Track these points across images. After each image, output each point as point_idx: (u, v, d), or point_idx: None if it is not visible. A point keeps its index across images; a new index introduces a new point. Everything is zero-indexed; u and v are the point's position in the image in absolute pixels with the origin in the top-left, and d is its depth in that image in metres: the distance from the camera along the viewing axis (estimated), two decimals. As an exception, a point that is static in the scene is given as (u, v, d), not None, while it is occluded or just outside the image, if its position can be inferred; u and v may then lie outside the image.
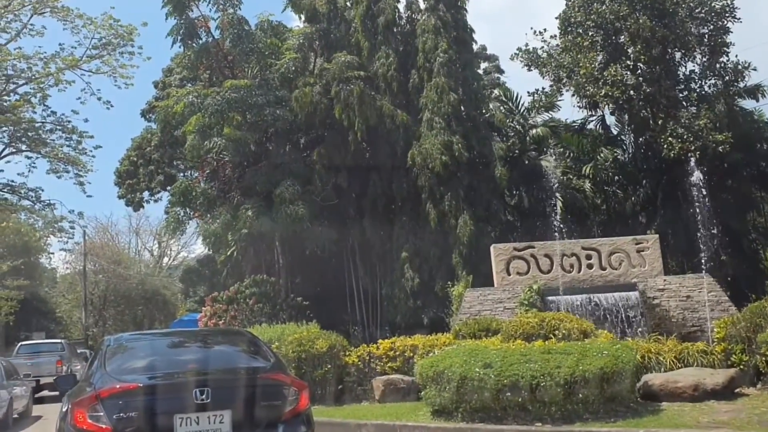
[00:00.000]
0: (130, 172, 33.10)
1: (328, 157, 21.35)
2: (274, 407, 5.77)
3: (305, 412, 6.03)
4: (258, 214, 19.87)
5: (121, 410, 5.32)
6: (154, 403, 5.46)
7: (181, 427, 5.40)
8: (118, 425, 5.28)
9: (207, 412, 5.47)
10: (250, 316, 20.30)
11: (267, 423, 5.71)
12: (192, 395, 5.45)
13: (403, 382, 12.31)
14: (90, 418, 5.33)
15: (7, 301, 27.50)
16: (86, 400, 5.44)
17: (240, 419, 5.58)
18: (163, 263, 56.29)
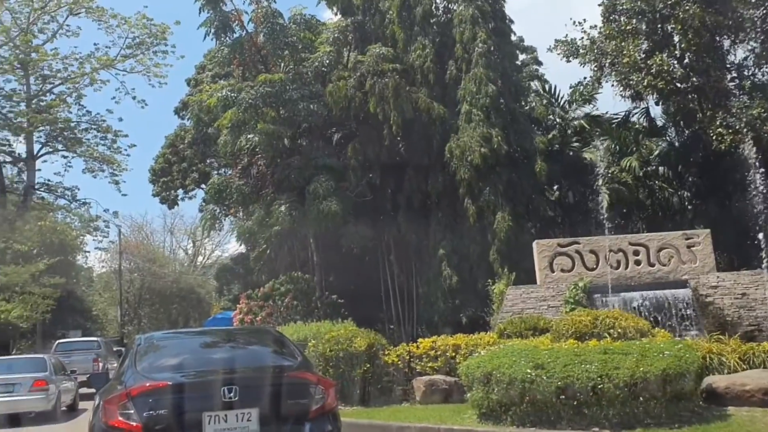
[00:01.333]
0: (165, 170, 33.12)
1: (362, 152, 20.87)
2: (301, 405, 5.76)
3: (332, 410, 6.02)
4: (291, 211, 19.49)
5: (151, 408, 5.37)
6: (183, 401, 5.53)
7: (210, 425, 5.44)
8: (148, 423, 5.33)
9: (235, 410, 5.49)
10: (285, 314, 19.94)
11: (294, 421, 5.71)
12: (220, 393, 5.47)
13: (446, 383, 11.76)
14: (121, 416, 5.38)
15: (43, 299, 27.58)
16: (117, 398, 5.50)
17: (267, 417, 5.59)
18: (197, 262, 56.58)
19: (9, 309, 24.23)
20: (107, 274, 48.62)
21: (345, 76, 20.99)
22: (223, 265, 36.03)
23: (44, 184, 41.43)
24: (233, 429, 5.49)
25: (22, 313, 24.99)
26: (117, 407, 5.43)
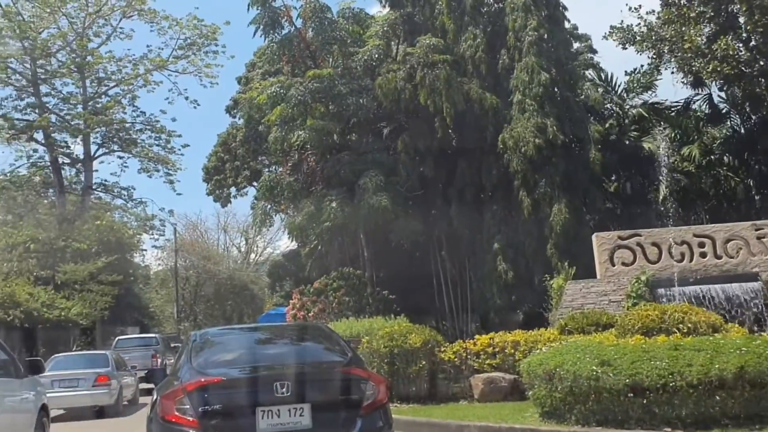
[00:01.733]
0: (217, 168, 33.48)
1: (412, 146, 20.56)
2: (353, 401, 5.76)
3: (383, 406, 5.99)
4: (342, 206, 19.34)
5: (206, 403, 5.44)
6: (237, 396, 5.58)
7: (263, 420, 5.49)
8: (204, 417, 5.39)
9: (287, 406, 5.53)
10: (337, 310, 19.82)
11: (345, 417, 5.73)
12: (273, 389, 5.52)
13: (505, 381, 11.39)
14: (177, 411, 5.47)
15: (102, 297, 28.23)
16: (173, 393, 5.59)
17: (319, 412, 5.63)
18: (250, 259, 57.26)
19: (69, 306, 24.84)
20: (164, 271, 49.61)
21: (394, 68, 20.71)
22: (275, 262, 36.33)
23: (101, 184, 42.51)
24: (286, 424, 5.52)
25: (81, 311, 25.60)
26: (173, 402, 5.51)
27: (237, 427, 5.50)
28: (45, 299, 23.14)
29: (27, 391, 8.65)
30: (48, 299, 23.46)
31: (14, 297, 20.47)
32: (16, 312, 19.96)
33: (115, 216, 40.17)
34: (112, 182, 42.89)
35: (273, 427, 5.50)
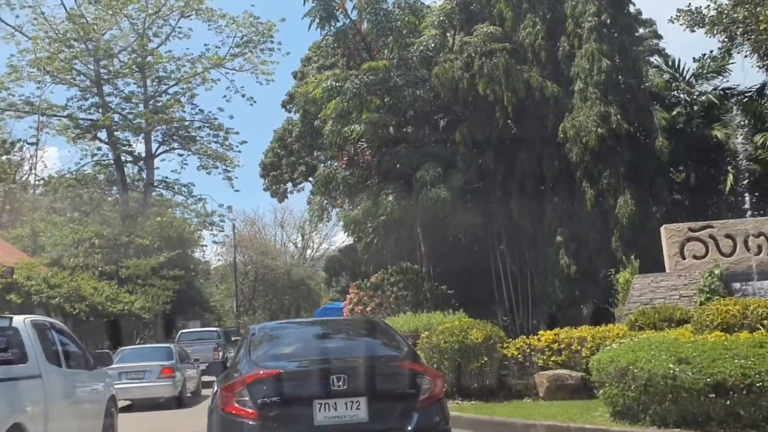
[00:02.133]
0: (274, 164, 33.71)
1: (471, 137, 20.09)
2: (409, 395, 5.77)
3: (440, 401, 5.98)
4: (399, 199, 19.07)
5: (264, 395, 5.52)
6: (295, 388, 5.69)
7: (320, 413, 5.53)
8: (262, 409, 5.47)
9: (344, 399, 5.57)
10: (394, 304, 19.59)
11: (402, 410, 5.72)
12: (329, 382, 5.57)
13: (571, 378, 10.93)
14: (237, 402, 5.56)
15: (163, 291, 28.74)
16: (233, 386, 5.67)
17: (375, 406, 5.64)
18: (306, 255, 57.70)
19: (132, 300, 25.34)
20: (223, 267, 50.42)
21: (451, 58, 20.29)
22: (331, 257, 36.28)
23: (162, 180, 43.44)
24: (342, 417, 5.56)
25: (144, 305, 26.10)
26: (233, 394, 5.60)
27: (295, 419, 5.55)
28: (109, 293, 23.65)
29: (96, 382, 8.85)
30: (112, 293, 23.98)
31: (80, 291, 20.94)
32: (81, 306, 20.41)
33: (176, 213, 41.03)
34: (172, 179, 43.87)
35: (330, 419, 5.53)
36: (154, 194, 42.45)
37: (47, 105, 39.55)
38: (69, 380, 7.83)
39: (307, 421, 5.51)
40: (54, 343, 7.78)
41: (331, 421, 5.53)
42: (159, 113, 40.49)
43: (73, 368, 8.13)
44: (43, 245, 31.99)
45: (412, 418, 5.65)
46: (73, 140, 40.92)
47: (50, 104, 39.92)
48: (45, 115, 39.24)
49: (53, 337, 7.85)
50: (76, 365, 8.28)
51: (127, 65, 40.79)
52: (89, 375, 8.65)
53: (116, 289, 24.88)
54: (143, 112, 40.32)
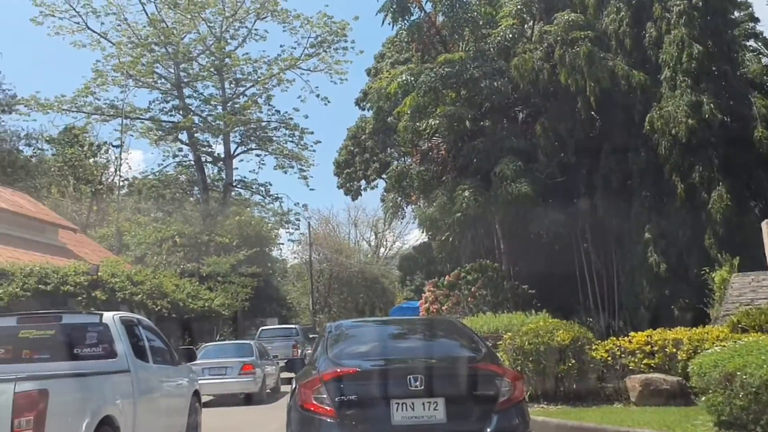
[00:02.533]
0: (348, 161, 33.75)
1: (552, 130, 19.28)
2: (488, 398, 5.67)
3: (520, 404, 5.85)
4: (476, 195, 18.49)
5: (342, 393, 5.51)
6: (372, 387, 5.64)
7: (398, 412, 5.48)
8: (340, 407, 5.47)
9: (421, 399, 5.50)
10: (472, 304, 19.07)
11: (480, 412, 5.62)
12: (407, 382, 5.52)
13: (666, 383, 10.16)
14: (315, 400, 5.56)
15: (242, 288, 29.20)
16: (311, 383, 5.68)
17: (454, 407, 5.55)
18: (379, 254, 57.76)
19: (212, 297, 25.79)
20: (299, 265, 51.05)
21: (531, 48, 19.56)
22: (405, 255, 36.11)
23: (241, 180, 44.33)
24: (420, 417, 5.49)
25: (223, 301, 26.52)
26: (311, 391, 5.61)
27: (372, 418, 5.52)
28: (190, 290, 24.12)
29: (181, 377, 8.96)
30: (193, 290, 24.44)
31: (161, 288, 21.40)
32: (163, 302, 20.84)
33: (254, 212, 41.77)
34: (250, 179, 44.74)
35: (407, 419, 5.48)
36: (233, 194, 43.38)
37: (131, 108, 41.06)
38: (155, 375, 7.94)
39: (384, 421, 5.47)
40: (141, 339, 7.91)
41: (408, 422, 5.47)
42: (237, 114, 41.30)
43: (159, 364, 8.24)
44: (128, 244, 33.11)
45: (491, 421, 5.54)
46: (156, 142, 42.32)
47: (133, 107, 41.44)
48: (128, 118, 40.76)
49: (140, 333, 8.00)
50: (161, 361, 8.40)
51: (206, 68, 41.81)
52: (174, 370, 8.76)
53: (197, 287, 25.33)
54: (222, 113, 41.23)
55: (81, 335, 7.23)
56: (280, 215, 43.91)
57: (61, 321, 7.45)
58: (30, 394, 5.30)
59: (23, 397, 5.25)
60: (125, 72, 39.45)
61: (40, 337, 7.23)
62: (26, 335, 7.22)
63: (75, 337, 7.24)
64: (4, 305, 16.79)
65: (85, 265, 19.45)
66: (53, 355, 7.11)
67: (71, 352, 7.16)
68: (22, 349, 7.20)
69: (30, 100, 38.29)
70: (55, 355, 7.12)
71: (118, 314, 7.72)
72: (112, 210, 37.83)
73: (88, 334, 7.21)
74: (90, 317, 7.63)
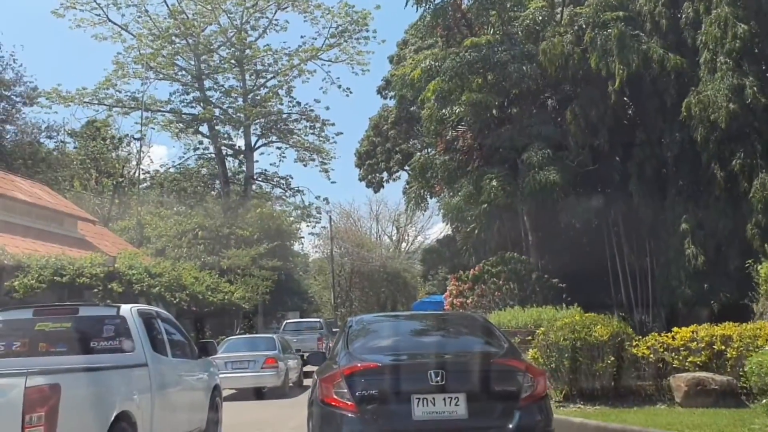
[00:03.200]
0: (369, 152, 33.09)
1: (583, 116, 18.36)
2: (510, 393, 5.60)
3: (543, 399, 5.76)
4: (503, 184, 17.72)
5: (363, 388, 5.47)
6: (393, 382, 5.56)
7: (419, 407, 5.42)
8: (361, 401, 5.43)
9: (442, 394, 5.44)
10: (498, 297, 18.34)
11: (503, 408, 5.53)
12: (427, 377, 5.46)
13: (715, 383, 9.39)
14: (335, 394, 5.52)
15: (263, 281, 28.74)
16: (332, 377, 5.66)
17: (475, 403, 5.49)
18: (401, 248, 57.21)
19: (232, 290, 25.34)
20: (320, 259, 50.73)
21: (560, 32, 18.69)
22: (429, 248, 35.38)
23: (262, 173, 43.93)
24: (441, 413, 5.42)
25: (243, 295, 26.08)
26: (332, 386, 5.57)
27: (393, 413, 5.47)
28: (209, 283, 23.67)
29: (201, 371, 8.78)
30: (212, 283, 24.00)
31: (180, 280, 20.96)
32: (182, 295, 20.40)
33: (275, 206, 41.37)
34: (271, 172, 44.33)
35: (428, 414, 5.41)
36: (254, 187, 43.02)
37: (152, 101, 40.81)
38: (174, 369, 7.77)
39: (405, 416, 5.41)
40: (160, 332, 7.74)
41: (429, 417, 5.41)
42: (257, 106, 40.87)
43: (178, 357, 8.08)
44: (149, 237, 32.87)
45: (513, 417, 5.46)
46: (177, 135, 42.12)
47: (154, 99, 41.18)
48: (149, 111, 40.51)
49: (159, 326, 7.82)
50: (181, 354, 8.24)
51: (226, 59, 41.41)
52: (194, 364, 8.57)
53: (216, 279, 24.88)
54: (242, 105, 40.81)
55: (98, 328, 7.08)
56: (301, 209, 43.47)
57: (77, 313, 7.27)
58: (41, 389, 5.14)
59: (34, 392, 5.09)
60: (146, 64, 39.18)
61: (56, 330, 7.09)
62: (42, 328, 7.08)
63: (92, 330, 7.09)
64: (19, 297, 16.53)
65: (102, 257, 19.07)
66: (70, 349, 6.97)
67: (88, 345, 6.99)
68: (38, 342, 7.03)
69: (52, 93, 38.13)
70: (71, 348, 6.99)
71: (135, 306, 7.53)
72: (134, 203, 37.65)
73: (104, 327, 7.07)
74: (107, 309, 7.46)
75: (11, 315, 7.45)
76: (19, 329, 7.14)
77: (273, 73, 42.19)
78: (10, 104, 33.72)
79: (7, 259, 17.30)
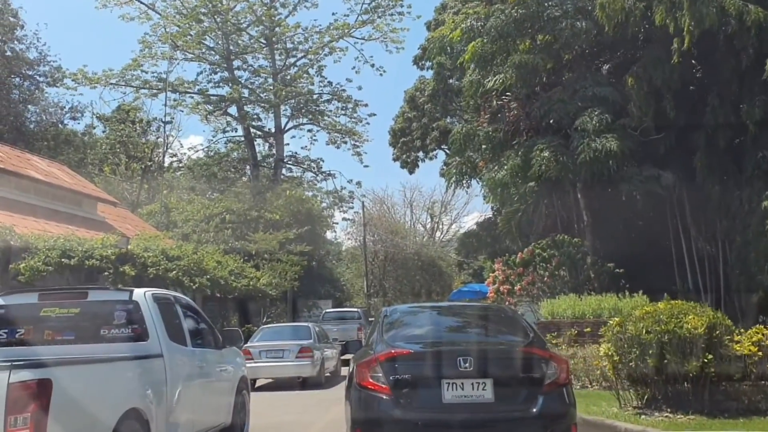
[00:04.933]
0: (404, 129, 31.07)
1: (646, 78, 16.18)
2: (534, 380, 5.85)
3: (565, 386, 5.95)
4: (555, 155, 15.68)
5: (397, 372, 5.80)
6: (425, 367, 5.95)
7: (448, 391, 5.74)
8: (395, 385, 5.76)
9: (471, 380, 5.73)
10: (549, 284, 16.41)
11: (527, 394, 5.80)
12: (456, 363, 5.77)
13: None
14: (371, 378, 5.87)
15: (291, 267, 27.12)
16: (368, 363, 6.01)
17: (501, 388, 5.76)
18: (435, 238, 55.55)
19: (258, 276, 23.78)
20: (353, 247, 49.33)
21: (620, -16, 16.53)
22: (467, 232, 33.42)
23: (292, 156, 42.47)
24: (469, 396, 5.71)
25: (270, 280, 24.51)
26: (368, 370, 5.89)
27: (425, 396, 5.77)
28: (233, 267, 22.14)
29: (226, 362, 8.24)
30: (236, 268, 22.46)
31: (201, 264, 19.45)
32: (202, 280, 18.88)
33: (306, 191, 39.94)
34: (302, 155, 42.86)
35: (457, 398, 5.70)
36: (284, 171, 41.65)
37: (179, 81, 39.52)
38: (194, 360, 7.23)
39: (436, 399, 5.71)
40: (178, 318, 7.17)
41: (458, 400, 5.70)
42: (287, 86, 39.32)
43: (200, 347, 7.53)
44: (175, 221, 31.72)
45: (537, 402, 5.71)
46: (206, 118, 40.83)
47: (182, 80, 39.86)
48: (176, 92, 39.27)
49: (177, 312, 7.24)
50: (202, 344, 7.70)
51: (256, 38, 39.90)
52: (218, 354, 8.01)
53: (241, 264, 23.33)
54: (272, 85, 39.31)
55: (108, 314, 6.55)
56: (333, 193, 41.91)
57: (86, 298, 6.72)
58: (28, 385, 4.45)
59: (19, 389, 4.40)
60: (173, 43, 37.86)
61: (63, 316, 6.58)
62: (48, 313, 6.57)
63: (102, 317, 6.56)
64: (25, 281, 15.25)
65: (115, 238, 17.64)
66: (78, 337, 6.46)
67: (97, 333, 6.47)
68: (43, 329, 6.51)
69: (77, 74, 37.06)
70: (79, 336, 6.47)
71: (150, 291, 6.95)
72: (163, 187, 36.55)
73: (116, 313, 6.53)
74: (118, 294, 6.89)
75: (15, 299, 6.81)
76: (23, 315, 6.61)
77: (303, 51, 40.57)
78: (33, 84, 32.69)
79: (14, 240, 16.03)
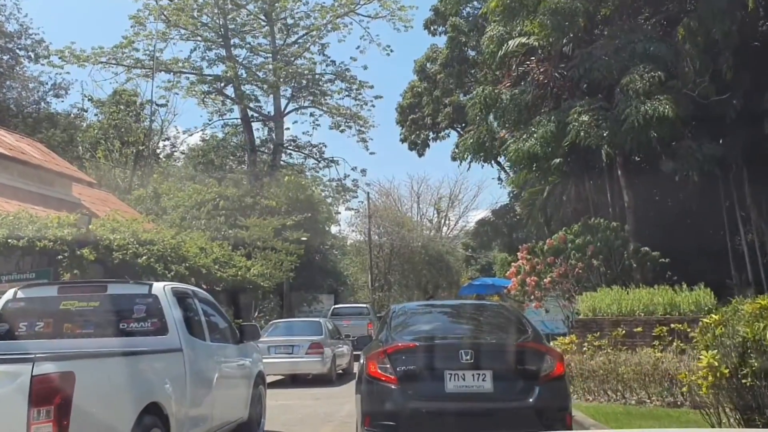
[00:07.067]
0: (413, 105, 28.28)
1: (703, 32, 13.57)
2: (531, 372, 6.17)
3: (560, 379, 6.25)
4: (595, 119, 13.07)
5: (403, 364, 6.22)
6: (428, 359, 6.33)
7: (450, 382, 6.10)
8: (402, 376, 6.16)
9: (472, 371, 6.09)
10: (585, 275, 13.84)
11: (524, 385, 6.11)
12: (458, 356, 6.14)
13: None
14: (379, 369, 6.25)
15: (287, 256, 24.53)
16: (376, 355, 6.36)
17: (500, 380, 6.10)
18: (442, 233, 53.19)
19: (248, 265, 21.18)
20: (357, 241, 46.95)
21: None
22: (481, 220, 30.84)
23: (292, 140, 40.05)
24: (470, 387, 6.07)
25: (263, 271, 21.90)
26: (377, 362, 6.29)
27: (429, 386, 6.16)
28: (219, 255, 19.59)
29: (243, 357, 8.25)
30: (223, 256, 19.90)
31: (180, 250, 16.94)
32: (179, 268, 16.34)
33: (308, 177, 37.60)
34: (303, 141, 40.42)
35: (459, 388, 6.06)
36: (284, 157, 39.22)
37: (173, 61, 37.10)
38: (213, 355, 7.21)
39: (439, 388, 6.06)
40: (197, 313, 7.18)
41: (460, 390, 6.04)
42: (288, 65, 36.82)
43: (218, 342, 7.52)
44: (165, 207, 29.37)
45: (533, 392, 6.01)
46: (203, 100, 38.42)
47: (176, 60, 37.40)
48: (170, 72, 36.87)
49: (196, 306, 7.23)
50: (220, 339, 7.69)
51: (254, 14, 37.39)
52: (235, 349, 7.98)
53: (228, 252, 20.76)
54: (271, 64, 36.82)
55: (127, 308, 6.53)
56: (336, 181, 39.46)
57: (105, 291, 6.73)
58: (52, 378, 4.28)
59: (43, 381, 4.21)
60: (166, 18, 35.37)
61: (83, 309, 6.59)
62: (68, 307, 6.59)
63: (121, 310, 6.55)
64: (-34, 266, 12.93)
65: (75, 217, 15.16)
66: (97, 330, 6.47)
67: (117, 326, 6.48)
68: (63, 322, 6.52)
69: (64, 51, 34.60)
70: (98, 330, 6.47)
71: (170, 285, 6.98)
72: (155, 172, 34.24)
73: (135, 307, 6.50)
74: (137, 287, 6.85)
75: (34, 292, 6.84)
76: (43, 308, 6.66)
77: (305, 28, 38.03)
78: (13, 58, 30.22)
79: (-44, 219, 13.66)
